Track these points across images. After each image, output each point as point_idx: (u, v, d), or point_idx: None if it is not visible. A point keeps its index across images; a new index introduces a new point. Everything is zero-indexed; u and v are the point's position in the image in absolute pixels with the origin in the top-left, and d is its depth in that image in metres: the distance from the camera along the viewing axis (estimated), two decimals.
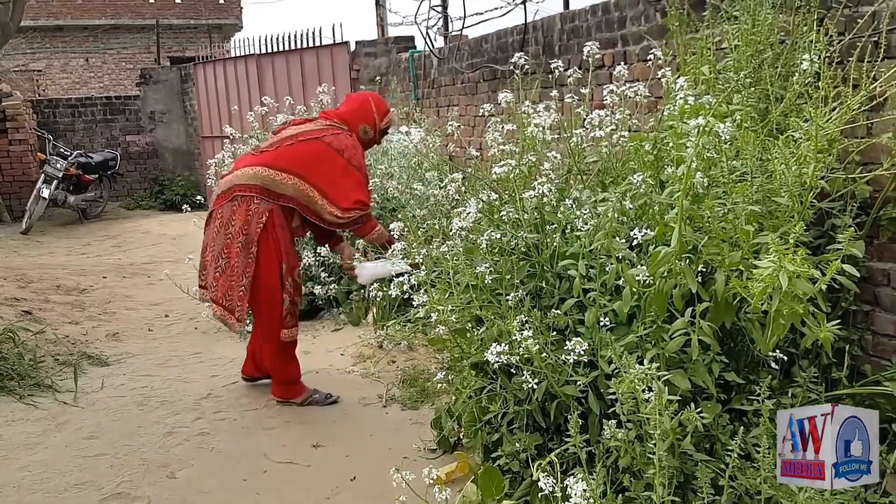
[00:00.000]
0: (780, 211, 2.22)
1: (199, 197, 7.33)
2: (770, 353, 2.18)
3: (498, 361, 2.39)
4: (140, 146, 12.84)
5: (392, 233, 3.19)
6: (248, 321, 4.89)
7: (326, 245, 4.17)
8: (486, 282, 2.63)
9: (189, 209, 6.56)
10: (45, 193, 9.91)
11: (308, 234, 4.08)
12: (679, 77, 2.66)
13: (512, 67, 3.04)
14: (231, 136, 6.41)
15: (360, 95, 3.86)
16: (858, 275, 2.11)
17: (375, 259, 3.91)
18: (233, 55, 11.07)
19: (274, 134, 3.81)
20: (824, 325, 1.96)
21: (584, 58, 3.02)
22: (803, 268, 1.84)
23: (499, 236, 2.66)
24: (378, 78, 8.16)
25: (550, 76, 3.67)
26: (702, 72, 2.76)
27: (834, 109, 2.23)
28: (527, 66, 3.06)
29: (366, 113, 3.69)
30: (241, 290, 3.49)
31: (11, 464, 3.22)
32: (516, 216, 2.69)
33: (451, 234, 2.83)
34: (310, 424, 3.54)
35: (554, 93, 3.08)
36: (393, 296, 2.95)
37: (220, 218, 3.53)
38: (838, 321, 2.30)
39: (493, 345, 2.41)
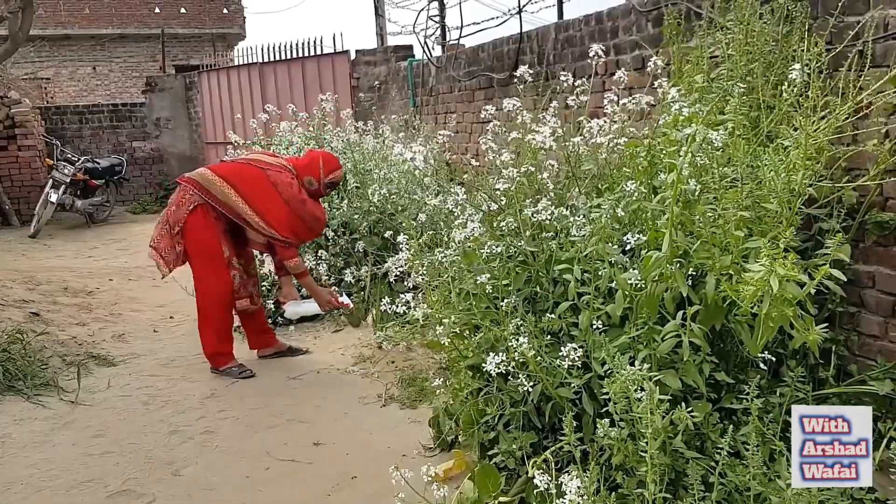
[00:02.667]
0: (769, 217, 2.23)
1: None
2: (759, 354, 2.18)
3: (497, 371, 2.40)
4: (146, 152, 12.83)
5: (400, 247, 3.23)
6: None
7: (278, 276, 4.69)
8: (487, 290, 2.63)
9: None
10: (53, 198, 9.89)
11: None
12: (673, 86, 2.67)
13: (510, 76, 3.05)
14: (234, 143, 6.41)
15: (314, 153, 4.46)
16: (845, 279, 2.12)
17: (304, 299, 4.55)
18: (236, 64, 11.08)
19: (245, 155, 4.69)
20: (812, 329, 1.96)
21: (581, 66, 3.02)
22: (793, 272, 1.84)
23: (499, 249, 2.66)
24: (377, 86, 8.17)
25: (543, 84, 3.69)
26: (696, 80, 2.77)
27: (823, 118, 2.24)
28: (519, 77, 3.06)
29: (313, 168, 4.29)
30: (175, 253, 4.21)
31: (20, 462, 3.21)
32: (516, 226, 2.69)
33: (451, 243, 2.83)
34: (311, 423, 3.54)
35: (555, 103, 3.08)
36: (392, 312, 2.95)
37: (174, 198, 4.27)
38: (825, 323, 2.31)
39: (491, 355, 2.41)
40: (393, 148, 4.95)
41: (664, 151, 2.31)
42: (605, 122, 2.70)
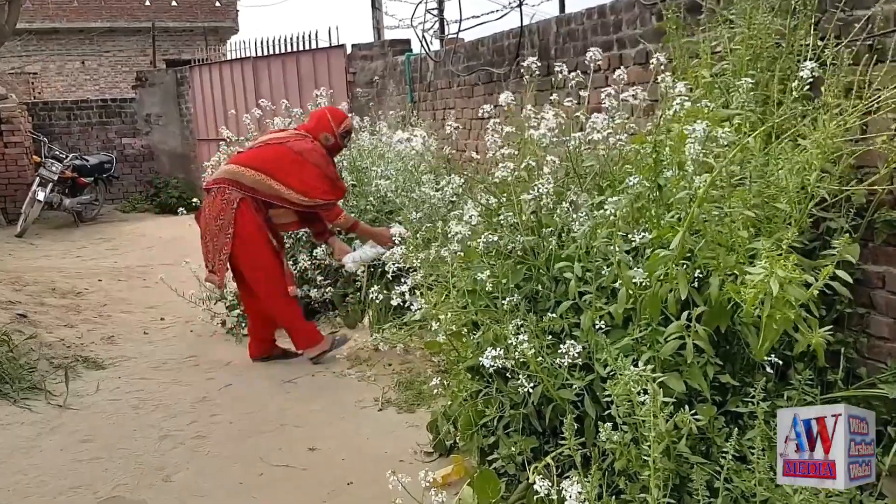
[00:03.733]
0: (778, 217, 2.23)
1: (194, 200, 7.30)
2: (765, 358, 2.18)
3: (493, 366, 2.40)
4: (136, 149, 12.82)
5: (394, 238, 3.27)
6: (242, 325, 4.91)
7: (322, 243, 4.84)
8: (487, 288, 2.63)
9: (184, 212, 6.54)
10: (41, 196, 9.89)
11: (300, 230, 4.99)
12: (677, 81, 2.67)
13: (510, 70, 3.05)
14: (227, 139, 6.41)
15: (319, 111, 4.61)
16: (851, 280, 2.11)
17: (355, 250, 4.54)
18: (229, 58, 11.07)
19: (255, 139, 4.79)
20: (816, 331, 1.96)
21: (582, 60, 3.02)
22: (795, 273, 1.84)
23: (496, 239, 2.66)
24: (374, 81, 8.17)
25: (540, 79, 3.69)
26: (701, 75, 2.77)
27: (837, 116, 2.24)
28: (522, 71, 3.07)
29: (324, 124, 4.41)
30: (220, 261, 4.24)
31: (6, 468, 3.21)
32: (514, 220, 2.69)
33: (448, 238, 2.84)
34: (305, 427, 3.54)
35: (555, 96, 3.08)
36: (391, 303, 2.96)
37: (206, 208, 4.33)
38: (833, 324, 2.31)
39: (489, 349, 2.41)
40: (392, 137, 4.98)
41: (671, 147, 2.32)
42: (606, 117, 2.70)
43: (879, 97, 2.21)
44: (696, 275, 2.22)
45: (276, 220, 4.42)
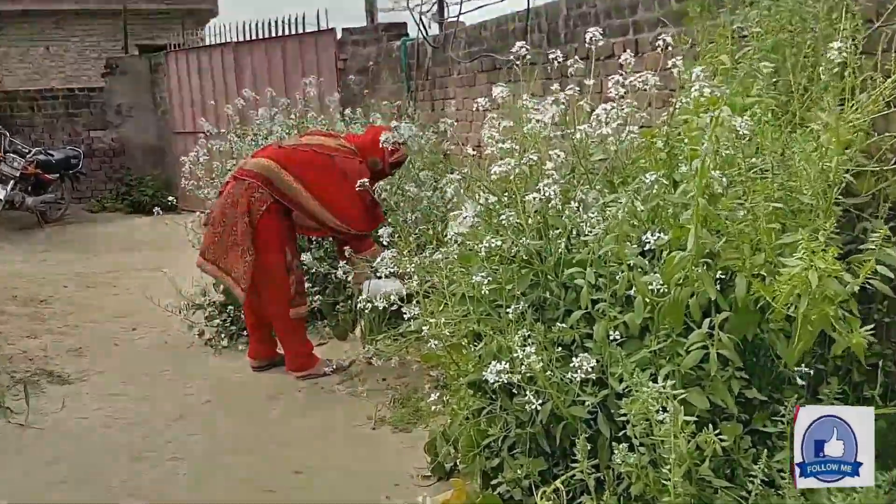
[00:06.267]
0: (804, 209, 2.23)
1: (170, 198, 7.30)
2: (796, 368, 2.18)
3: (498, 381, 2.39)
4: (105, 143, 12.81)
5: (381, 239, 3.27)
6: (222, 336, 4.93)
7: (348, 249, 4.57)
8: (483, 293, 2.63)
9: (160, 212, 6.53)
10: (1, 195, 9.89)
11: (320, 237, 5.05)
12: (696, 67, 2.67)
13: (512, 57, 3.05)
14: (207, 132, 6.41)
15: (376, 129, 4.53)
16: (893, 276, 2.11)
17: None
18: (208, 43, 11.07)
19: (299, 135, 4.88)
20: (857, 331, 1.95)
21: (595, 46, 3.02)
22: (835, 266, 1.83)
23: (499, 243, 2.66)
24: (367, 68, 8.18)
25: (550, 67, 3.69)
26: (720, 61, 2.77)
27: (862, 98, 2.24)
28: (528, 56, 3.07)
29: (377, 147, 4.22)
30: (245, 265, 4.18)
31: None
32: (517, 220, 2.69)
33: (446, 240, 2.84)
34: (291, 448, 3.54)
35: (555, 86, 3.08)
36: (381, 308, 2.96)
37: (231, 196, 4.25)
38: (870, 333, 2.30)
39: (493, 363, 2.41)
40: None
41: (685, 140, 2.32)
42: (613, 107, 2.70)
43: None
44: (718, 276, 2.21)
45: (300, 222, 4.44)
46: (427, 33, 6.85)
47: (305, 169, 4.24)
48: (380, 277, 3.78)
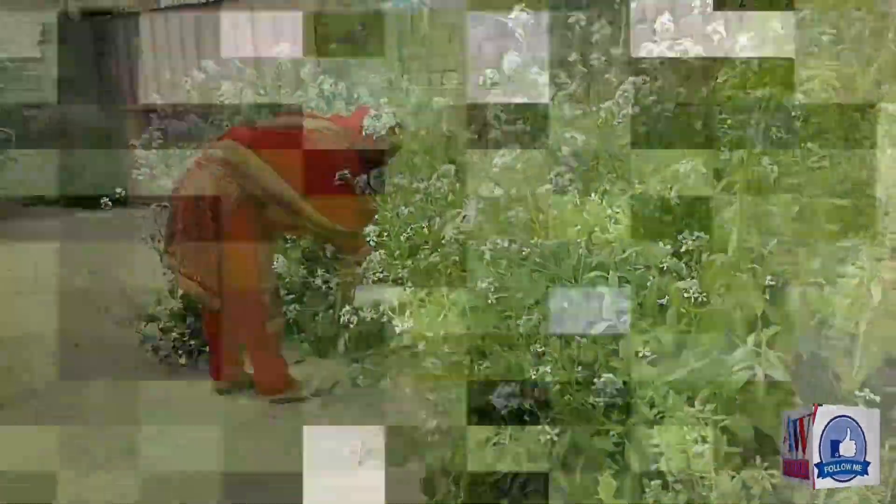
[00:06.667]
0: (874, 206, 2.23)
1: (119, 189, 7.28)
2: (858, 392, 2.19)
3: (507, 406, 2.40)
4: (42, 123, 12.83)
5: (368, 239, 3.28)
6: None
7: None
8: (489, 302, 2.64)
9: (109, 203, 6.50)
10: None
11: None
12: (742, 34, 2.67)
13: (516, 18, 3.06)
14: (161, 110, 6.42)
15: (364, 109, 4.53)
16: None
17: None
18: (162, 5, 11.09)
19: (272, 115, 5.06)
20: None
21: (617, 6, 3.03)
22: None
23: (506, 244, 2.67)
24: (352, 34, 8.18)
25: (570, 33, 3.68)
26: (770, 27, 2.77)
27: None
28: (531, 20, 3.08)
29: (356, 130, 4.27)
30: (205, 273, 4.25)
31: None
32: (528, 217, 2.70)
33: (443, 240, 2.85)
34: (264, 487, 3.55)
35: (574, 56, 3.10)
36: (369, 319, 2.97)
37: (193, 186, 4.27)
38: None
39: (501, 385, 2.42)
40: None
41: (728, 120, 2.32)
42: (645, 81, 2.71)
43: None
44: (766, 284, 2.22)
45: (276, 218, 4.40)
46: None
47: (281, 155, 4.24)
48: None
